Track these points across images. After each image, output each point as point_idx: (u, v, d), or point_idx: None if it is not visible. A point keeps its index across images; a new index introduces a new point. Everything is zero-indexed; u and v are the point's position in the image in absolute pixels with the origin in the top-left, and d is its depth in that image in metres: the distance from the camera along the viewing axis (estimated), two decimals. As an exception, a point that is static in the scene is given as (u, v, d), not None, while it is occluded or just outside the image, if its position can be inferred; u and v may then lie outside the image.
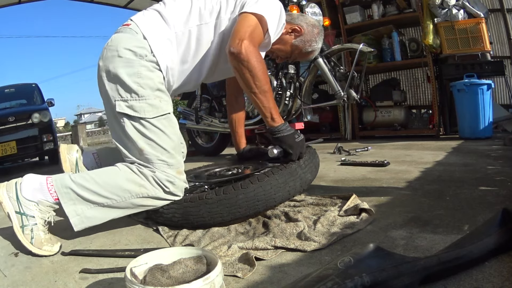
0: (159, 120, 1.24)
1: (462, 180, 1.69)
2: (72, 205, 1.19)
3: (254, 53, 1.21)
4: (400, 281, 0.74)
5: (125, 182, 1.22)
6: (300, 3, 2.65)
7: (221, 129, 3.19)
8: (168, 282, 0.79)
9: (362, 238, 1.10)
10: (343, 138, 4.03)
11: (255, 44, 1.23)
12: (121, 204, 1.24)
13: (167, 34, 1.27)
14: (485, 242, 0.86)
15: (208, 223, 1.28)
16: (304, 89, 2.77)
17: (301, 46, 1.50)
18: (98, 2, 5.14)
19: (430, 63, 3.70)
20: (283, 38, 1.48)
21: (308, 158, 1.45)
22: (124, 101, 1.23)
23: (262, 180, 1.26)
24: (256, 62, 1.22)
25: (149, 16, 1.30)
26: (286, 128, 1.34)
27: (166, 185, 1.24)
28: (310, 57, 1.61)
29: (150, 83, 1.23)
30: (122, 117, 1.24)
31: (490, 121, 3.24)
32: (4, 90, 5.68)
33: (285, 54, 1.53)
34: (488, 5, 4.19)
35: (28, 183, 1.19)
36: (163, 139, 1.24)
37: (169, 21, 1.27)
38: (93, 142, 12.54)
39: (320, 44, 1.56)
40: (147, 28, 1.25)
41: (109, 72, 1.24)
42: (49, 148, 4.84)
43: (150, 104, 1.22)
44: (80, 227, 1.22)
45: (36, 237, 1.16)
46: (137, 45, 1.23)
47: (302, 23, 1.50)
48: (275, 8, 1.34)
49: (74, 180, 1.20)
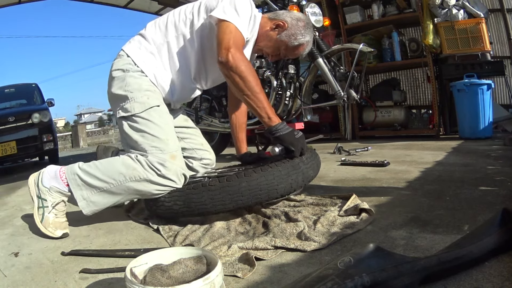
0: (148, 113, 1.38)
1: (462, 180, 1.69)
2: (79, 190, 1.35)
3: (241, 58, 1.30)
4: (400, 281, 0.74)
5: (121, 166, 1.34)
6: (300, 3, 2.65)
7: (221, 129, 3.19)
8: (168, 282, 0.79)
9: (362, 238, 1.10)
10: (343, 138, 4.02)
11: (239, 49, 1.32)
12: (118, 188, 1.34)
13: (149, 48, 1.46)
14: (485, 242, 0.86)
15: (209, 210, 1.28)
16: (304, 89, 2.77)
17: (286, 40, 1.49)
18: (98, 2, 5.14)
19: (430, 63, 3.70)
20: (268, 35, 1.50)
21: (311, 156, 1.48)
22: (120, 108, 1.42)
23: (265, 170, 1.28)
24: (244, 66, 1.29)
25: (133, 40, 1.51)
26: (284, 127, 1.36)
27: (158, 168, 1.32)
28: (300, 51, 1.55)
29: (137, 86, 1.40)
30: (120, 121, 1.43)
31: (490, 121, 3.24)
32: (4, 90, 5.66)
33: (273, 51, 1.53)
34: (488, 5, 4.19)
35: (47, 172, 1.40)
36: (152, 128, 1.37)
37: (149, 38, 1.47)
38: (93, 142, 12.53)
39: (308, 37, 1.52)
40: (130, 49, 1.47)
41: (109, 93, 1.48)
42: (49, 148, 4.83)
43: (138, 102, 1.39)
44: (88, 211, 1.36)
45: (45, 218, 1.36)
46: (124, 63, 1.45)
47: (286, 18, 1.50)
48: (243, 6, 1.36)
49: (81, 167, 1.38)
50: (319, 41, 2.61)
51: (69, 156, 7.21)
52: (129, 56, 1.45)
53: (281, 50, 1.52)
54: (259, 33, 1.50)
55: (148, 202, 1.41)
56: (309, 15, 2.61)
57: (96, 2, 5.12)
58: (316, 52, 2.52)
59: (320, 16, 2.68)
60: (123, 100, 1.41)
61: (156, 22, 1.51)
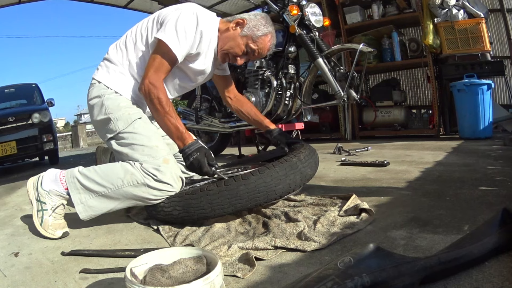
0: (132, 126, 1.43)
1: (462, 180, 1.69)
2: (77, 193, 1.36)
3: (154, 86, 1.37)
4: (400, 281, 0.74)
5: (119, 171, 1.36)
6: (300, 3, 2.64)
7: (221, 129, 3.19)
8: (168, 282, 0.79)
9: (362, 238, 1.10)
10: (343, 138, 4.02)
11: (159, 76, 1.39)
12: (116, 193, 1.35)
13: (117, 69, 1.51)
14: (485, 242, 0.86)
15: (208, 215, 1.28)
16: (304, 89, 2.77)
17: (249, 33, 1.49)
18: (98, 2, 5.12)
19: (430, 63, 3.70)
20: (230, 35, 1.50)
21: (308, 154, 1.47)
22: (106, 131, 1.47)
23: (263, 172, 1.28)
24: (155, 93, 1.36)
25: (100, 67, 1.57)
26: (190, 149, 1.36)
27: (153, 173, 1.34)
28: (267, 43, 1.54)
29: (115, 106, 1.45)
30: (109, 143, 1.48)
31: (490, 121, 3.24)
32: (4, 90, 5.65)
33: (240, 50, 1.51)
34: (488, 5, 4.19)
35: (47, 176, 1.41)
36: (139, 139, 1.41)
37: (114, 60, 1.52)
38: (93, 142, 12.51)
39: (270, 28, 1.53)
40: (100, 75, 1.52)
41: (93, 122, 1.53)
42: (49, 148, 4.83)
43: (121, 120, 1.43)
44: (84, 215, 1.36)
45: (44, 221, 1.37)
46: (98, 90, 1.49)
47: (244, 16, 1.54)
48: (184, 24, 1.40)
49: (80, 171, 1.39)
50: (319, 41, 2.61)
51: (69, 156, 7.21)
52: (101, 82, 1.50)
53: (248, 47, 1.51)
54: (220, 38, 1.52)
55: (148, 208, 1.42)
56: (309, 15, 2.61)
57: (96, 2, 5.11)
58: (316, 52, 2.52)
59: (320, 16, 2.67)
60: (107, 123, 1.46)
61: (117, 44, 1.57)
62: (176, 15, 1.41)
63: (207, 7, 5.26)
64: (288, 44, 2.69)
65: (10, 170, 5.04)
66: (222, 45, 1.52)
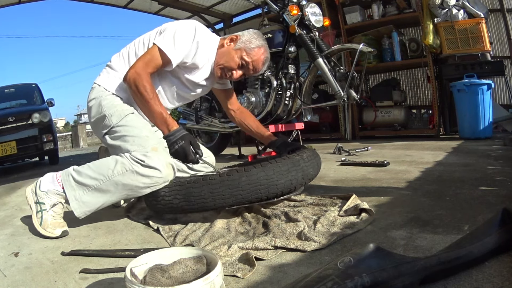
0: (125, 120, 1.48)
1: (462, 180, 1.69)
2: (72, 190, 1.38)
3: (139, 74, 1.39)
4: (400, 281, 0.74)
5: (110, 161, 1.38)
6: (300, 3, 2.65)
7: (221, 129, 3.19)
8: (168, 282, 0.79)
9: (362, 238, 1.10)
10: (343, 138, 4.02)
11: (146, 68, 1.42)
12: (107, 184, 1.36)
13: (117, 75, 1.57)
14: (485, 242, 0.86)
15: (209, 205, 1.29)
16: (304, 89, 2.77)
17: (243, 46, 1.55)
18: (98, 2, 5.12)
19: (430, 63, 3.71)
20: (225, 51, 1.57)
21: (311, 155, 1.49)
22: (101, 127, 1.52)
23: (265, 166, 1.29)
24: (140, 81, 1.38)
25: (102, 73, 1.63)
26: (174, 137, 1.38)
27: (141, 159, 1.35)
28: (261, 56, 1.57)
29: (110, 104, 1.51)
30: (104, 139, 1.53)
31: (490, 121, 3.24)
32: (4, 90, 5.65)
33: (234, 63, 1.56)
34: (488, 5, 4.19)
35: (45, 179, 1.44)
36: (131, 130, 1.46)
37: (115, 67, 1.59)
38: (93, 142, 12.51)
39: (263, 42, 1.59)
40: (101, 79, 1.59)
41: (91, 123, 1.59)
42: (49, 148, 4.83)
43: (114, 115, 1.48)
44: (79, 212, 1.37)
45: (44, 220, 1.39)
46: (97, 92, 1.56)
47: (238, 33, 1.62)
48: (182, 33, 1.47)
49: (75, 169, 1.42)
50: (319, 41, 2.61)
51: (69, 156, 7.21)
52: (100, 85, 1.56)
53: (242, 60, 1.55)
54: (217, 54, 1.58)
55: (148, 198, 1.41)
56: (309, 15, 2.61)
57: (96, 2, 5.11)
58: (316, 52, 2.52)
59: (320, 16, 2.68)
60: (102, 120, 1.50)
61: (120, 53, 1.63)
62: (175, 26, 1.51)
63: (207, 7, 5.29)
64: (288, 44, 2.69)
65: (10, 170, 5.04)
66: (218, 60, 1.58)
